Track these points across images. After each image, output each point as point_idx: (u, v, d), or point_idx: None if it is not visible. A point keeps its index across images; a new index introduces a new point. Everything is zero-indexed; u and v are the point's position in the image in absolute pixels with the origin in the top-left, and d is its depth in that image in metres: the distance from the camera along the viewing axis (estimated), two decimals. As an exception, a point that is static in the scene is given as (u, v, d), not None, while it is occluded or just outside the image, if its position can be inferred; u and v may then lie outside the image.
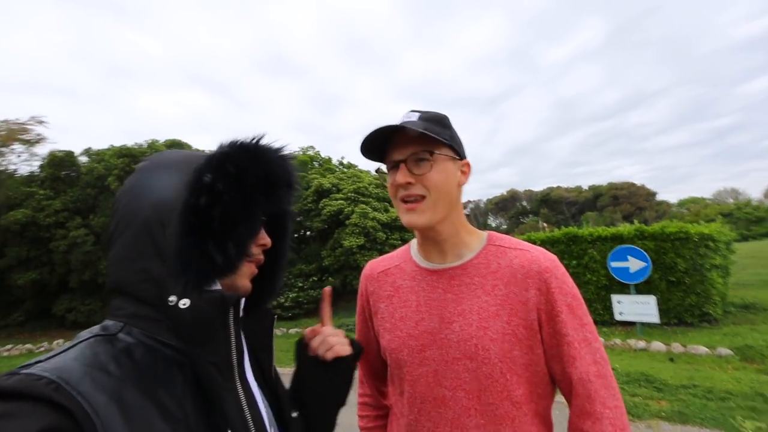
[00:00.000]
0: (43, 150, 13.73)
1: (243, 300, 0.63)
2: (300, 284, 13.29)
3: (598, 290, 7.67)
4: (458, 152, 0.84)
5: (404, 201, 0.83)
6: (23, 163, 14.03)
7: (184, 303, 0.51)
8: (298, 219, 14.96)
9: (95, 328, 0.52)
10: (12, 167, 14.18)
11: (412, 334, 0.85)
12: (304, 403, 0.74)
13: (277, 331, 12.03)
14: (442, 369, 0.81)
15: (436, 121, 0.83)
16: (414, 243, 0.98)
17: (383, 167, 0.88)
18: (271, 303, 0.72)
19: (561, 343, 0.77)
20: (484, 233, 0.92)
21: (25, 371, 0.42)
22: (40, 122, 13.49)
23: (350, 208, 13.37)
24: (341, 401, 0.80)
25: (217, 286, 0.57)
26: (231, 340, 0.55)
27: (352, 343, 0.83)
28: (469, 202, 61.34)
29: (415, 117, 0.83)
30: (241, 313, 0.63)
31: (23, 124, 13.20)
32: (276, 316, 0.72)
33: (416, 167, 0.80)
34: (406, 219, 0.83)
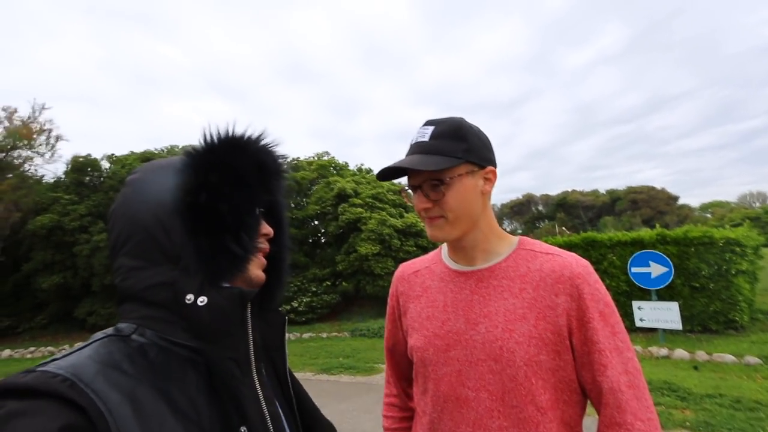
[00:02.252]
0: (64, 150, 14.21)
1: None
2: (314, 289, 13.36)
3: (618, 296, 7.48)
4: (478, 162, 0.83)
5: (428, 217, 0.86)
6: (46, 163, 14.50)
7: (202, 300, 0.51)
8: (314, 222, 15.08)
9: (109, 330, 0.52)
10: (40, 172, 14.73)
11: (438, 334, 0.86)
12: None
13: (290, 336, 12.09)
14: (465, 369, 0.81)
15: (449, 135, 0.82)
16: (445, 246, 0.98)
17: (406, 186, 0.90)
18: (281, 296, 0.73)
19: (592, 350, 0.76)
20: (516, 238, 0.92)
21: (40, 369, 0.42)
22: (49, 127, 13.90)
23: (368, 215, 13.41)
24: None
25: (232, 283, 0.57)
26: (249, 336, 0.56)
27: None
28: (484, 206, 60.44)
29: (428, 133, 0.83)
30: None
31: (30, 120, 13.62)
32: (287, 318, 0.73)
33: (432, 192, 0.82)
34: (429, 233, 0.86)
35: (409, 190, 0.89)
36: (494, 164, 0.88)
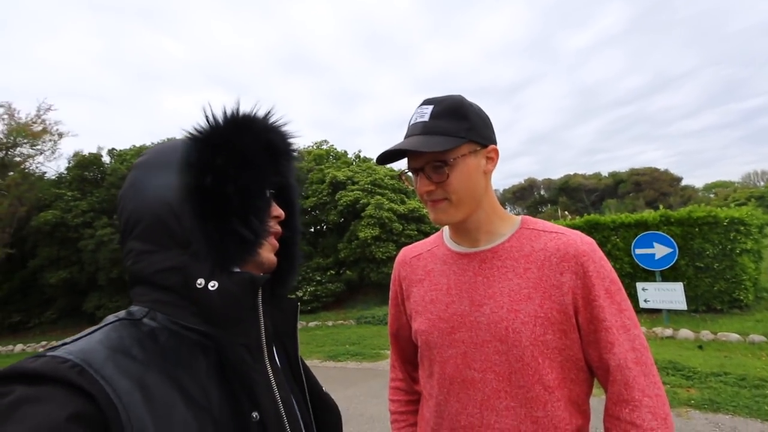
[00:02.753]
0: (65, 146, 14.26)
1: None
2: (318, 278, 13.44)
3: (622, 278, 7.47)
4: (480, 141, 0.81)
5: (431, 200, 0.84)
6: (48, 161, 14.53)
7: (213, 285, 0.50)
8: (314, 213, 15.07)
9: (121, 313, 0.52)
10: (42, 168, 14.75)
11: (442, 317, 0.85)
12: None
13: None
14: (471, 351, 0.80)
15: (450, 113, 0.79)
16: (447, 229, 0.97)
17: (406, 170, 0.87)
18: (293, 281, 0.72)
19: (598, 328, 0.75)
20: (518, 218, 0.90)
21: (50, 353, 0.41)
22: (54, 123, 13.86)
23: (366, 199, 13.39)
24: None
25: (243, 267, 0.56)
26: (261, 322, 0.55)
27: None
28: (486, 192, 60.30)
29: (427, 113, 0.80)
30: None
31: (34, 119, 13.57)
32: (299, 305, 0.72)
33: (435, 174, 0.80)
34: (433, 217, 0.84)
35: (410, 173, 0.86)
36: (495, 142, 0.85)
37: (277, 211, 0.62)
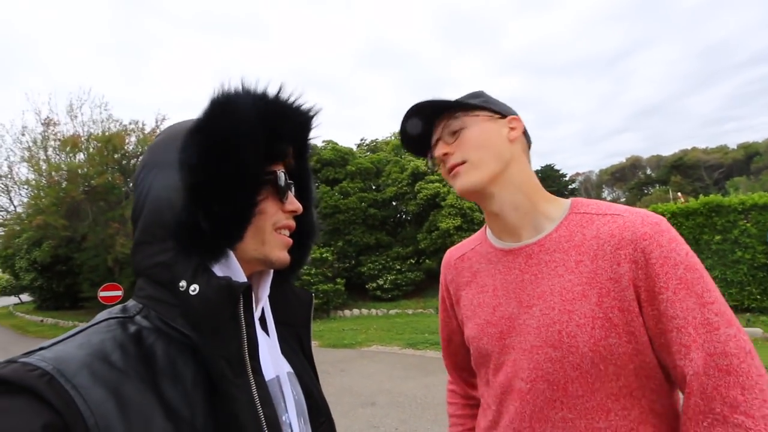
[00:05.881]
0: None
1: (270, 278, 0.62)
2: (398, 267, 13.67)
3: (754, 270, 6.26)
4: (498, 111, 0.79)
5: (449, 170, 0.79)
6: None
7: (194, 289, 0.47)
8: (394, 203, 15.28)
9: (116, 309, 0.50)
10: None
11: (490, 321, 0.79)
12: None
13: (377, 312, 12.64)
14: (520, 358, 0.72)
15: (466, 96, 0.81)
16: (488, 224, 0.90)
17: (429, 156, 0.86)
18: (298, 273, 0.69)
19: (668, 328, 0.61)
20: (567, 201, 0.79)
21: (23, 359, 0.39)
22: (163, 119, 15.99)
23: (446, 189, 13.19)
24: None
25: (234, 266, 0.52)
26: (242, 333, 0.48)
27: None
28: (578, 174, 55.42)
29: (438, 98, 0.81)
30: (269, 290, 0.61)
31: (154, 130, 15.76)
32: (313, 296, 0.72)
33: (450, 137, 0.78)
34: (456, 186, 0.78)
35: (433, 158, 0.83)
36: (516, 115, 0.81)
37: (294, 204, 0.57)
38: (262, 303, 0.61)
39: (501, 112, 0.79)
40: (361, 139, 19.18)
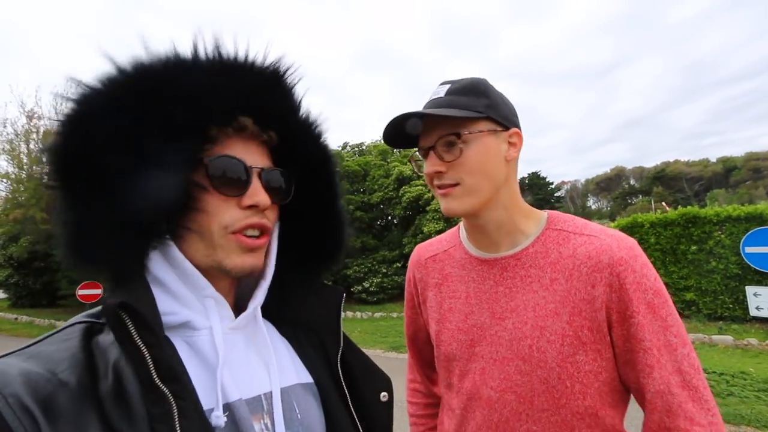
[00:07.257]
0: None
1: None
2: (384, 270, 13.67)
3: (727, 280, 6.44)
4: (501, 121, 0.73)
5: (439, 187, 0.76)
6: None
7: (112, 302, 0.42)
8: (380, 207, 15.31)
9: (93, 311, 0.48)
10: None
11: (461, 328, 0.79)
12: None
13: (362, 315, 12.55)
14: (490, 368, 0.74)
15: (467, 90, 0.73)
16: (463, 225, 0.89)
17: (417, 153, 0.81)
18: (330, 267, 0.63)
19: (635, 349, 0.65)
20: (544, 214, 0.80)
21: None
22: None
23: (430, 194, 13.26)
24: None
25: (212, 278, 0.48)
26: (143, 356, 0.41)
27: None
28: (563, 183, 56.35)
29: (443, 90, 0.74)
30: (263, 296, 0.55)
31: None
32: (344, 294, 0.63)
33: (446, 153, 0.71)
34: (443, 206, 0.75)
35: (420, 159, 0.79)
36: (519, 126, 0.77)
37: (253, 198, 0.49)
38: (253, 308, 0.54)
39: (504, 122, 0.74)
40: (344, 143, 19.01)
